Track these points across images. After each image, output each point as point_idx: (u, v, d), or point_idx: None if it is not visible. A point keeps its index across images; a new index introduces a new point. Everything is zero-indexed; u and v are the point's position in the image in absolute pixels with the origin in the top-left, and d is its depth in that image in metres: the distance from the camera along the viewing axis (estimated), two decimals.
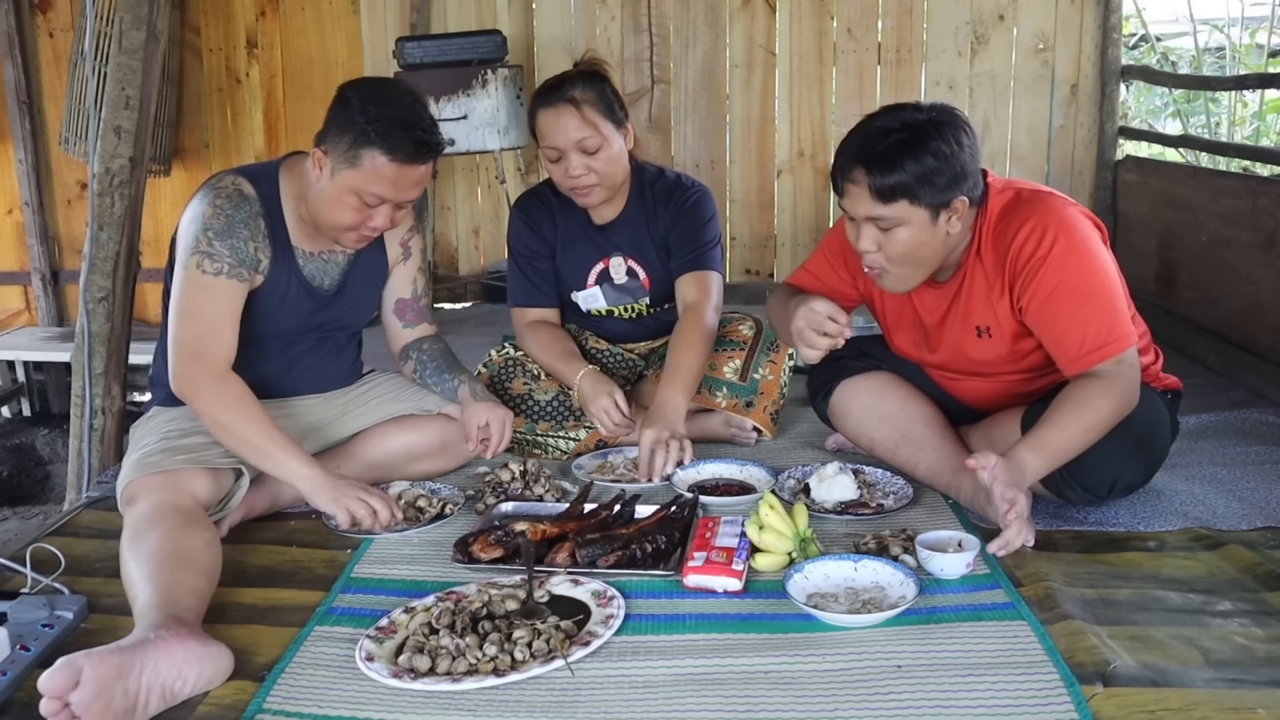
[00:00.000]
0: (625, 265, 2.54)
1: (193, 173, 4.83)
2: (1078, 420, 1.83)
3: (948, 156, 1.83)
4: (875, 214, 1.87)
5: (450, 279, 4.85)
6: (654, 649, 1.57)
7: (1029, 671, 1.47)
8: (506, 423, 2.20)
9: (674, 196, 2.50)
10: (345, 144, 1.94)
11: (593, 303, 2.58)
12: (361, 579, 1.85)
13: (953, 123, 1.87)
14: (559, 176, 2.40)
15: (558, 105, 2.34)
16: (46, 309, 5.04)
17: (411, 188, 1.99)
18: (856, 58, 4.57)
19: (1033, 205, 1.94)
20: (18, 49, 4.74)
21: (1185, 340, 3.35)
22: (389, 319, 2.33)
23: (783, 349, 2.53)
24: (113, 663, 1.36)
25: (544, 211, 2.56)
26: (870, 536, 1.90)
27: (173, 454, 1.94)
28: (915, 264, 1.94)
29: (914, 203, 1.85)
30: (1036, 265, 1.89)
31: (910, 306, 2.14)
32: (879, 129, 1.87)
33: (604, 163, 2.37)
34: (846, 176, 1.89)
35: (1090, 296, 1.88)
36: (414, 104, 1.99)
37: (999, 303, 1.97)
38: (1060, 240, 1.88)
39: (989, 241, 1.97)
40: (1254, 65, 5.16)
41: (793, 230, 4.75)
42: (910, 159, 1.82)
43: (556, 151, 2.36)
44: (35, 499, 4.31)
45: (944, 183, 1.84)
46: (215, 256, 1.97)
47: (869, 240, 1.91)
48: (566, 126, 2.33)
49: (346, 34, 4.76)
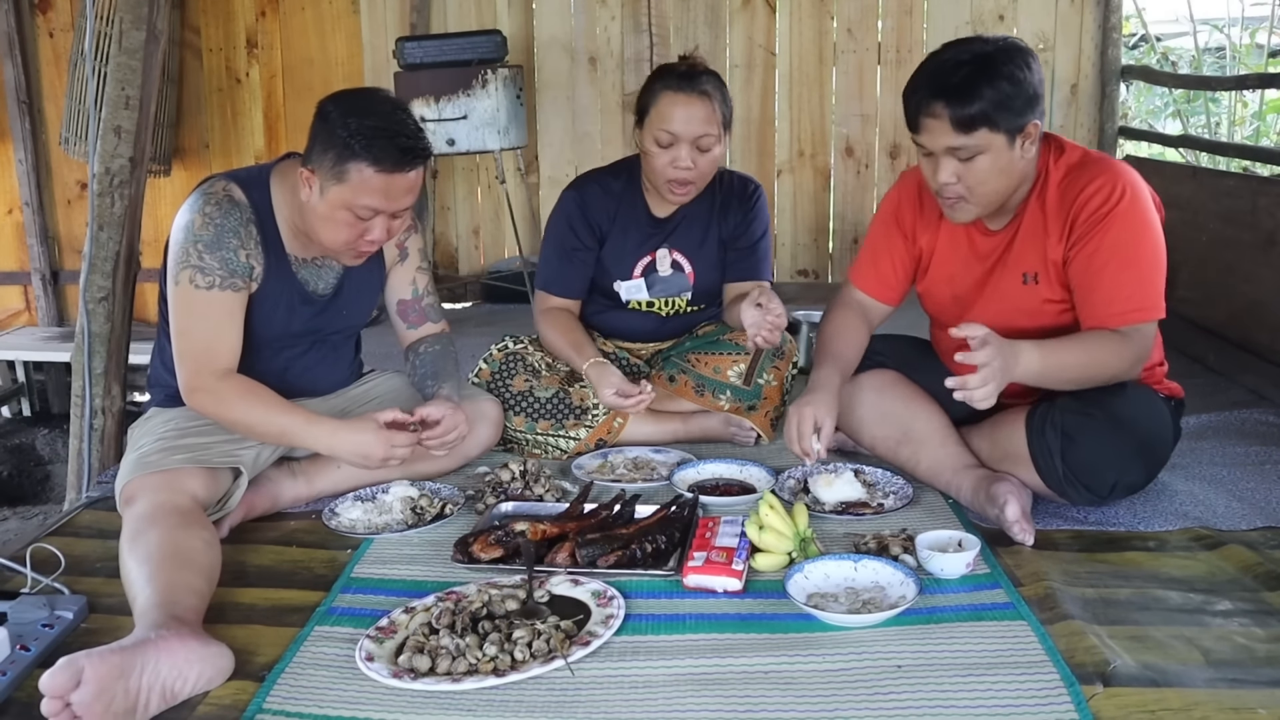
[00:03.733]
0: (670, 258, 2.54)
1: (193, 173, 4.83)
2: (1088, 354, 1.91)
3: (1021, 81, 1.87)
4: (956, 144, 1.89)
5: (450, 279, 4.85)
6: (654, 649, 1.57)
7: (1029, 671, 1.47)
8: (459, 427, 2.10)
9: (745, 196, 2.54)
10: (330, 160, 1.91)
11: (635, 294, 2.58)
12: (361, 579, 1.85)
13: (1020, 48, 1.91)
14: (661, 164, 2.37)
15: (692, 94, 2.33)
16: (46, 309, 5.04)
17: (403, 196, 1.96)
18: (856, 58, 4.57)
19: (1106, 164, 1.99)
20: (18, 49, 4.74)
21: (1185, 340, 3.35)
22: (394, 320, 2.34)
23: (788, 356, 2.53)
24: (113, 663, 1.36)
25: (604, 199, 2.54)
26: (870, 536, 1.90)
27: (170, 454, 1.94)
28: (992, 191, 1.96)
29: (993, 129, 1.87)
30: (1100, 217, 1.93)
31: (960, 255, 2.15)
32: (950, 61, 1.89)
33: (709, 163, 2.38)
34: (924, 111, 1.90)
35: (1136, 260, 1.94)
36: (395, 111, 1.96)
37: (1054, 248, 2.00)
38: (1127, 199, 1.93)
39: (1054, 188, 2.00)
40: (1254, 65, 5.16)
41: (793, 230, 4.76)
42: (987, 86, 1.84)
43: (672, 138, 2.33)
44: (35, 499, 4.31)
45: (1020, 106, 1.87)
46: (206, 270, 1.96)
47: (948, 172, 1.93)
48: (696, 117, 2.32)
49: (346, 34, 4.76)
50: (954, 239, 2.15)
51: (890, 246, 2.24)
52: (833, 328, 2.26)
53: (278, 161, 2.11)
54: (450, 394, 2.17)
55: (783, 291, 4.66)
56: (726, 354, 2.48)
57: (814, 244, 4.77)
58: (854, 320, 2.26)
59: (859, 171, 4.68)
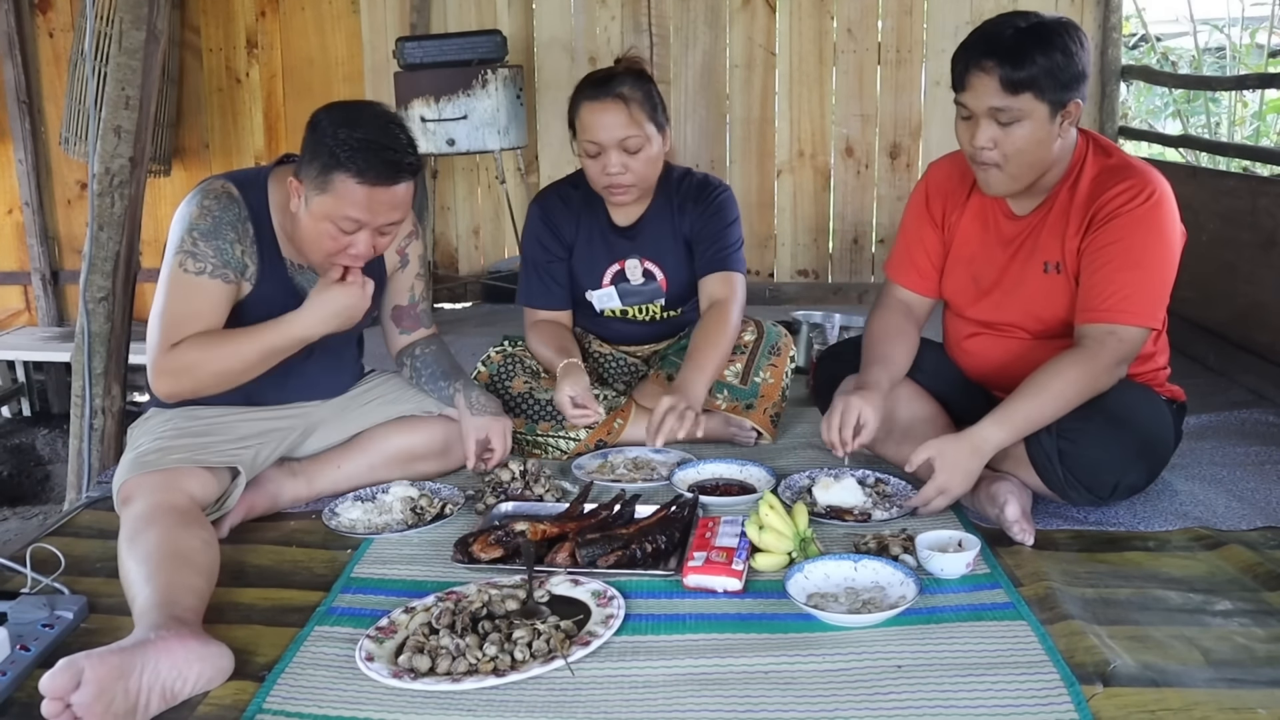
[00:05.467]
0: (641, 267, 2.53)
1: (193, 173, 4.84)
2: (1048, 391, 1.91)
3: (1073, 54, 1.88)
4: (1001, 104, 1.89)
5: (450, 279, 4.85)
6: (654, 649, 1.57)
7: (1029, 671, 1.47)
8: (506, 433, 2.21)
9: (702, 195, 2.50)
10: (316, 169, 1.90)
11: (607, 302, 2.58)
12: (361, 579, 1.85)
13: (1075, 25, 1.93)
14: (595, 173, 2.38)
15: (605, 100, 2.32)
16: (46, 309, 5.04)
17: (388, 211, 1.93)
18: (856, 58, 4.57)
19: (1144, 171, 1.99)
20: (18, 49, 4.75)
21: (1185, 340, 3.34)
22: (386, 324, 2.33)
23: (784, 353, 2.52)
24: (113, 663, 1.36)
25: (565, 209, 2.54)
26: (870, 536, 1.90)
27: (168, 453, 1.93)
28: (1025, 163, 1.96)
29: (1039, 97, 1.88)
30: (1118, 214, 1.94)
31: (983, 237, 2.14)
32: (1007, 24, 1.91)
33: (643, 164, 2.36)
34: (975, 65, 1.91)
35: (1140, 263, 1.94)
36: (388, 125, 1.93)
37: (1071, 239, 2.01)
38: (1150, 204, 1.94)
39: (1087, 183, 2.01)
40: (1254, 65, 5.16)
41: (793, 230, 4.76)
42: (1040, 52, 1.86)
43: (597, 146, 2.34)
44: (35, 499, 4.31)
45: (1067, 79, 1.88)
46: (199, 256, 1.95)
47: (985, 137, 1.93)
48: (612, 123, 2.32)
49: (346, 34, 4.75)
50: (979, 220, 2.15)
51: (923, 237, 2.23)
52: (878, 330, 2.24)
53: (276, 164, 2.11)
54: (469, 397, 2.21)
55: (783, 291, 4.71)
56: None
57: (814, 244, 4.77)
58: (898, 321, 2.24)
59: (859, 171, 4.68)
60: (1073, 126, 1.97)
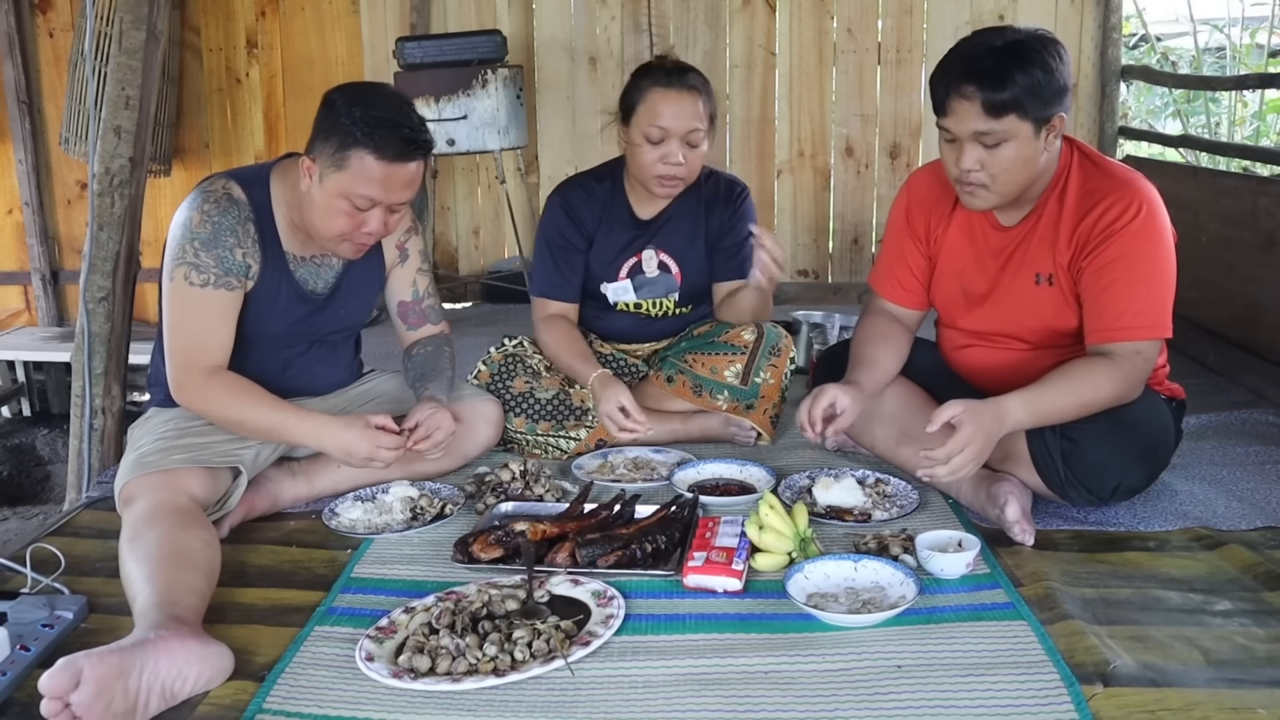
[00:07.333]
0: (657, 258, 2.55)
1: (193, 173, 4.83)
2: (1076, 392, 1.90)
3: (1053, 70, 1.87)
4: (984, 128, 1.88)
5: (450, 279, 4.85)
6: (654, 649, 1.57)
7: (1029, 671, 1.47)
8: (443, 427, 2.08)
9: (731, 195, 2.54)
10: (332, 147, 1.92)
11: (622, 295, 2.58)
12: (361, 579, 1.85)
13: (1052, 39, 1.91)
14: (649, 160, 2.37)
15: (681, 89, 2.33)
16: (46, 309, 5.04)
17: (402, 188, 1.97)
18: (856, 58, 4.57)
19: (1131, 180, 1.98)
20: (18, 49, 4.74)
21: (1185, 340, 3.34)
22: (395, 321, 2.34)
23: (784, 354, 2.52)
24: (113, 663, 1.36)
25: (589, 201, 2.55)
26: (870, 536, 1.90)
27: (169, 453, 1.94)
28: (1013, 181, 1.95)
29: (1022, 116, 1.87)
30: (1114, 231, 1.93)
31: (971, 249, 2.14)
32: (983, 46, 1.89)
33: (697, 159, 2.40)
34: (955, 91, 1.89)
35: (1147, 278, 1.94)
36: (401, 105, 1.98)
37: (1061, 252, 2.00)
38: (1142, 217, 1.93)
39: (1074, 193, 1.99)
40: (1254, 65, 5.16)
41: (793, 230, 4.76)
42: (1020, 72, 1.84)
43: (662, 133, 2.34)
44: (35, 499, 4.31)
45: (1049, 95, 1.87)
46: (201, 268, 1.96)
47: (972, 159, 1.92)
48: (685, 112, 2.33)
49: (346, 34, 4.76)
50: (966, 233, 2.14)
51: (904, 252, 2.23)
52: (864, 335, 2.24)
53: (278, 160, 2.12)
54: (435, 394, 2.15)
55: (783, 291, 4.70)
56: (723, 354, 2.47)
57: (814, 244, 4.77)
58: (884, 325, 2.24)
59: (859, 171, 4.68)
60: (1057, 139, 1.96)
